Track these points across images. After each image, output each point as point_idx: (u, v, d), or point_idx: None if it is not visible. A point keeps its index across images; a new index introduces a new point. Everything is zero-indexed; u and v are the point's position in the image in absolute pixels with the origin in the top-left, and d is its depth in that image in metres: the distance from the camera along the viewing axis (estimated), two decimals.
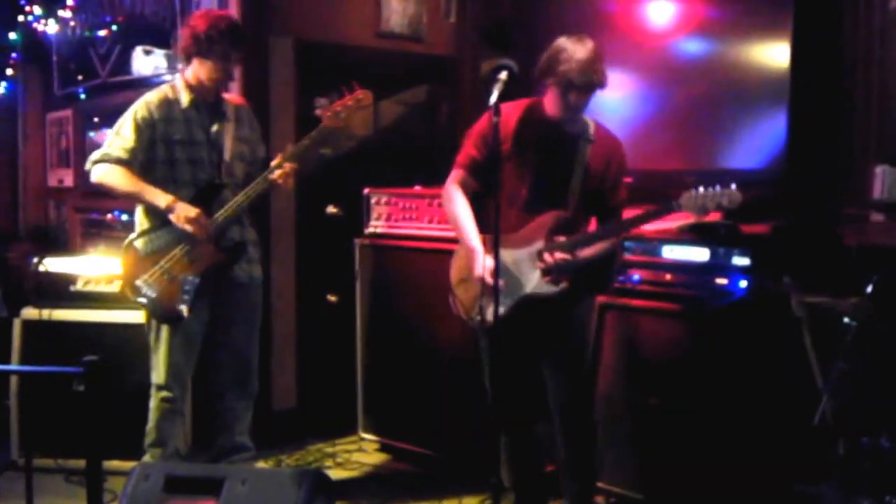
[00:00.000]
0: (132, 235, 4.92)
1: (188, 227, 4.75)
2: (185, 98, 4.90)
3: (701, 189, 3.97)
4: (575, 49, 4.12)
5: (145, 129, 4.83)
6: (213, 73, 4.85)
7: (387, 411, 5.94)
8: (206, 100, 4.94)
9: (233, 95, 5.20)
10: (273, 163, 4.87)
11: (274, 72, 6.19)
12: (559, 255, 4.18)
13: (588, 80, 4.13)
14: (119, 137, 4.85)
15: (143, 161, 4.86)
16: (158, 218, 4.84)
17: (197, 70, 4.88)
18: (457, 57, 7.02)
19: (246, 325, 5.07)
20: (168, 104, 4.89)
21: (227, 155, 4.93)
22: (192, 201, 4.81)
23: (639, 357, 4.76)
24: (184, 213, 4.75)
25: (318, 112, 4.92)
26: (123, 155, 4.82)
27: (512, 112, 4.25)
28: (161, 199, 4.79)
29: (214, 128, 4.93)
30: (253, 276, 5.07)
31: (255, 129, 5.17)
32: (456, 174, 4.47)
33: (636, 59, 5.83)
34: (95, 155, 4.89)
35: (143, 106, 4.87)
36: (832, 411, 4.00)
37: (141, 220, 4.94)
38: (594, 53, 4.13)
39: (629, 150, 4.54)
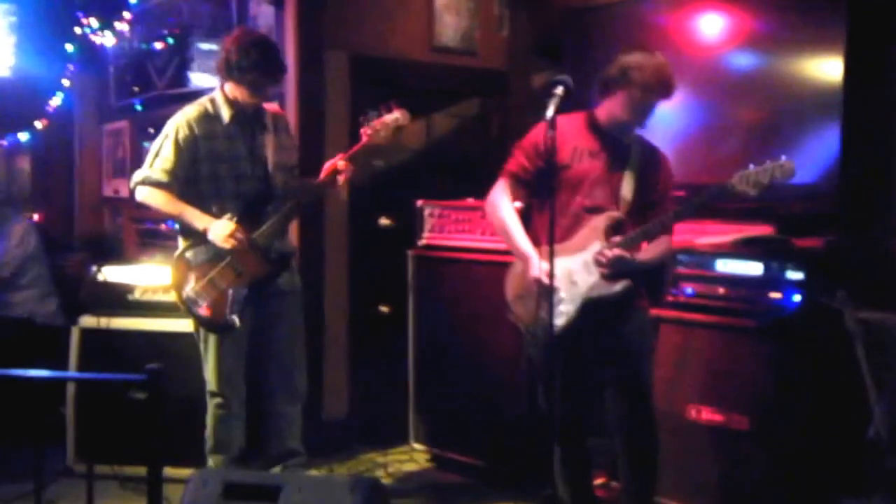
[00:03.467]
0: (182, 247, 4.98)
1: (225, 245, 4.80)
2: (226, 114, 4.93)
3: (752, 167, 4.01)
4: (652, 57, 4.28)
5: (186, 149, 4.87)
6: (247, 97, 4.89)
7: (438, 421, 5.96)
8: (247, 112, 4.97)
9: (270, 104, 5.19)
10: (328, 166, 4.92)
11: (329, 85, 6.25)
12: (617, 252, 4.21)
13: (667, 86, 4.25)
14: (159, 158, 4.89)
15: (184, 179, 4.90)
16: None
17: (234, 90, 4.91)
18: (509, 70, 7.06)
19: (289, 331, 5.11)
20: (209, 120, 4.92)
21: (269, 167, 4.97)
22: (240, 217, 4.85)
23: (691, 370, 4.75)
24: (219, 233, 4.81)
25: (361, 131, 4.94)
26: (163, 178, 4.87)
27: (566, 124, 4.27)
28: (198, 221, 4.86)
29: (255, 141, 4.97)
30: (294, 284, 5.12)
31: (291, 137, 5.23)
32: (502, 183, 4.50)
33: (688, 72, 5.80)
34: (137, 176, 4.94)
35: (183, 124, 4.89)
36: (885, 426, 3.99)
37: (186, 232, 4.98)
38: (668, 64, 4.29)
39: (682, 164, 4.57)
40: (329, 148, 5.94)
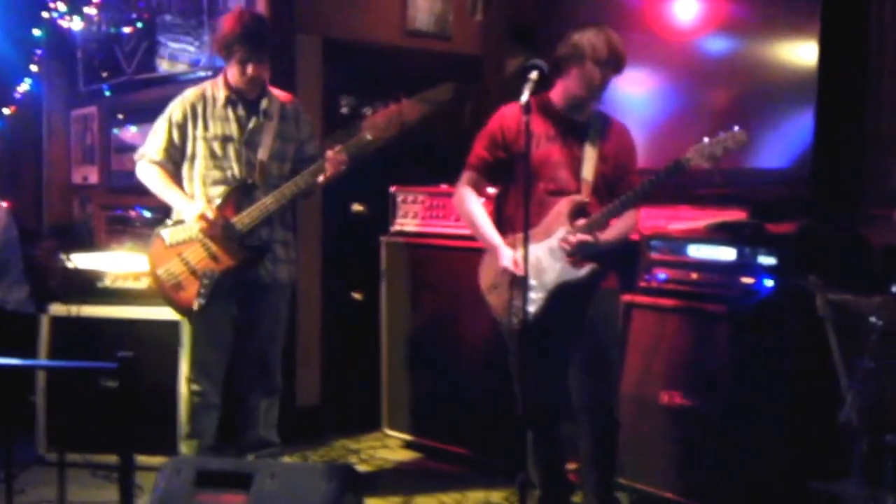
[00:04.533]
0: (163, 225, 4.98)
1: (195, 225, 4.80)
2: (221, 96, 4.93)
3: (706, 139, 4.08)
4: (601, 32, 4.29)
5: (177, 129, 4.93)
6: (238, 76, 4.87)
7: (411, 408, 5.96)
8: (246, 97, 4.95)
9: (281, 92, 5.15)
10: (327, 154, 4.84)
11: (301, 70, 6.19)
12: (581, 237, 4.21)
13: (619, 58, 4.27)
14: (155, 136, 4.99)
15: (179, 159, 4.97)
16: None
17: (231, 73, 4.91)
18: (483, 55, 7.03)
19: (268, 326, 5.06)
20: (205, 101, 4.95)
21: (262, 154, 4.92)
22: (227, 201, 4.83)
23: (664, 356, 4.75)
24: (190, 213, 4.82)
25: (362, 124, 4.87)
26: (157, 156, 4.97)
27: (521, 110, 4.24)
28: (175, 200, 4.93)
29: (250, 125, 4.94)
30: (277, 278, 5.02)
31: (303, 126, 5.13)
32: (467, 176, 4.53)
33: (662, 56, 5.83)
34: (137, 153, 5.06)
35: (178, 105, 4.97)
36: (857, 409, 4.00)
37: (175, 211, 5.01)
38: (619, 38, 4.31)
39: (655, 148, 4.55)
40: None
